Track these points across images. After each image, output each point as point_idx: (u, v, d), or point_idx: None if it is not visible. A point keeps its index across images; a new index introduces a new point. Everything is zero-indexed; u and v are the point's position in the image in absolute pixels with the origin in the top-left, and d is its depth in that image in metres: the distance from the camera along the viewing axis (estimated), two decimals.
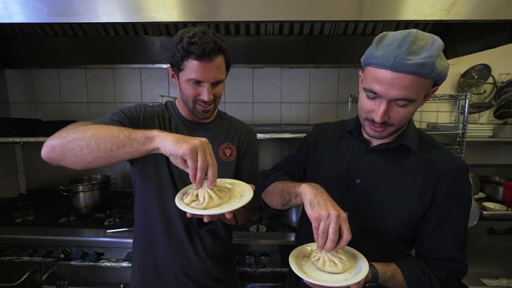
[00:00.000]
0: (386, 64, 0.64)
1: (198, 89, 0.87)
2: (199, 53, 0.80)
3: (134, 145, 0.68)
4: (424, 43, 0.63)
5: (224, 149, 1.01)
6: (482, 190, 1.91)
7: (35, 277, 1.40)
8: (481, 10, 1.03)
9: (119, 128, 0.70)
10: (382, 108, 0.68)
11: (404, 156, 0.79)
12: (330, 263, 0.68)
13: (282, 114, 2.06)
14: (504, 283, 1.56)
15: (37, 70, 2.01)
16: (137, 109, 0.95)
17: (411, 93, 0.65)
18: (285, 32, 1.82)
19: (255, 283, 1.40)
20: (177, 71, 0.88)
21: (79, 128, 0.72)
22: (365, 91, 0.71)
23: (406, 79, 0.64)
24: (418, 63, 0.61)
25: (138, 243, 1.01)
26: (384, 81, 0.65)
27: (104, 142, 0.68)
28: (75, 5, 1.03)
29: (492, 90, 1.94)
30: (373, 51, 0.67)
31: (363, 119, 0.77)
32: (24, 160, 2.06)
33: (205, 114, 0.94)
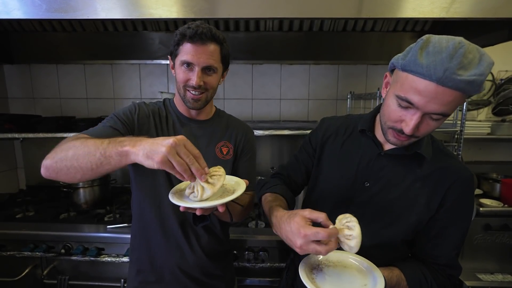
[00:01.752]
0: (433, 76, 0.57)
1: (189, 74, 0.88)
2: (191, 34, 0.83)
3: (111, 163, 0.66)
4: (473, 57, 0.57)
5: (221, 147, 1.01)
6: (479, 187, 1.92)
7: (36, 272, 1.42)
8: (481, 8, 1.03)
9: (96, 145, 0.67)
10: (415, 120, 0.63)
11: (416, 162, 0.78)
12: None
13: (281, 110, 2.06)
14: (499, 278, 1.58)
15: (35, 65, 2.00)
16: (131, 111, 0.94)
17: (450, 109, 0.61)
18: (285, 28, 1.81)
19: (254, 278, 1.42)
20: (173, 58, 0.90)
21: (64, 147, 0.72)
22: (398, 99, 0.65)
23: (450, 95, 0.59)
24: (468, 80, 0.56)
25: (135, 239, 1.02)
26: (425, 94, 0.60)
27: (84, 161, 0.68)
28: (74, 1, 1.03)
29: (491, 87, 1.95)
30: (417, 58, 0.60)
31: (387, 126, 0.71)
32: (23, 156, 2.06)
33: (195, 104, 0.91)
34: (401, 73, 0.65)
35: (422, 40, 0.61)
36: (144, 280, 1.00)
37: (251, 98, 2.05)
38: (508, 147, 2.04)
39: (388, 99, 0.69)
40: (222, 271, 1.07)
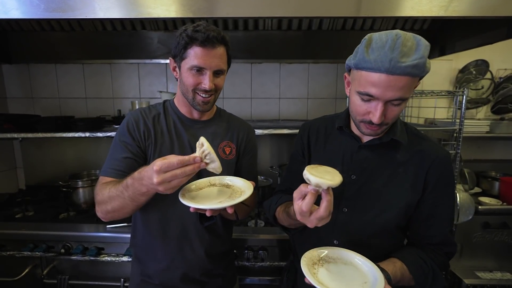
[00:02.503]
0: (381, 68, 0.65)
1: (199, 77, 0.87)
2: (203, 39, 0.82)
3: (141, 200, 0.78)
4: (411, 44, 0.65)
5: (224, 147, 1.01)
6: (478, 185, 1.92)
7: (36, 272, 1.42)
8: (479, 7, 1.03)
9: (121, 196, 0.77)
10: (380, 110, 0.70)
11: (394, 149, 0.83)
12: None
13: (280, 109, 2.06)
14: (498, 276, 1.59)
15: (34, 65, 2.00)
16: (131, 130, 0.93)
17: (405, 92, 0.68)
18: (284, 27, 1.81)
19: (254, 277, 1.42)
20: (179, 61, 0.89)
21: (102, 200, 0.83)
22: (360, 94, 0.72)
23: (401, 81, 0.66)
24: (412, 65, 0.64)
25: (136, 239, 1.02)
26: (380, 85, 0.67)
27: (124, 209, 0.82)
28: (72, 1, 1.02)
29: (490, 85, 1.95)
30: (364, 55, 0.68)
31: (358, 120, 0.78)
32: (22, 155, 2.06)
33: (205, 106, 0.93)
34: (356, 71, 0.72)
35: (366, 40, 0.69)
36: (146, 280, 1.00)
37: (250, 97, 2.05)
38: (507, 145, 2.04)
39: (352, 97, 0.77)
40: (224, 270, 1.07)
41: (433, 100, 1.87)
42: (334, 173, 0.66)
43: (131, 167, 0.87)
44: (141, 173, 0.71)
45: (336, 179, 0.62)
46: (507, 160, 2.05)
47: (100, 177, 0.91)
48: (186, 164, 0.66)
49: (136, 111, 0.98)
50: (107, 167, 0.90)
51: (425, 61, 0.65)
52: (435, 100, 1.85)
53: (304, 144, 0.97)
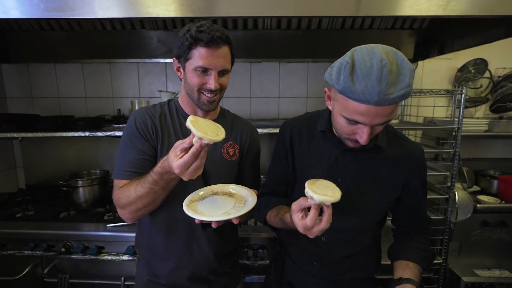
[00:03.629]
0: (370, 101, 0.65)
1: (204, 77, 0.87)
2: (207, 39, 0.82)
3: (173, 185, 0.82)
4: (397, 73, 0.64)
5: (227, 148, 1.01)
6: (476, 184, 1.93)
7: (37, 271, 1.43)
8: (478, 6, 1.03)
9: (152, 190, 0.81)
10: (367, 133, 0.72)
11: (376, 152, 0.87)
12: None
13: (280, 108, 2.06)
14: (496, 274, 1.60)
15: (33, 65, 2.00)
16: (140, 131, 0.93)
17: (391, 115, 0.71)
18: (283, 26, 1.81)
19: (254, 275, 1.43)
20: (183, 62, 0.88)
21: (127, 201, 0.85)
22: (345, 119, 0.73)
23: (389, 109, 0.68)
24: (399, 95, 0.65)
25: (142, 239, 1.02)
26: (368, 114, 0.68)
27: (158, 199, 0.85)
28: (71, 0, 1.02)
29: (489, 84, 1.96)
30: (350, 85, 0.66)
31: (343, 137, 0.81)
32: (22, 155, 2.06)
33: (210, 105, 0.93)
34: (341, 97, 0.71)
35: (348, 64, 0.67)
36: (153, 280, 1.01)
37: (249, 97, 2.05)
38: (506, 144, 2.05)
39: (336, 116, 0.77)
40: (230, 268, 1.08)
41: (432, 99, 1.87)
42: (333, 188, 0.70)
43: (146, 167, 0.88)
44: (164, 163, 0.75)
45: (337, 195, 0.67)
46: (505, 159, 2.05)
47: (115, 181, 0.92)
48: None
49: (141, 110, 0.97)
50: (121, 169, 0.91)
51: (411, 89, 0.66)
52: (434, 99, 1.85)
53: (287, 146, 0.97)
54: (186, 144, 0.69)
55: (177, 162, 0.68)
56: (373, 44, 0.69)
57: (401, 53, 0.67)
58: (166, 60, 1.96)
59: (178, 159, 0.68)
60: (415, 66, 1.98)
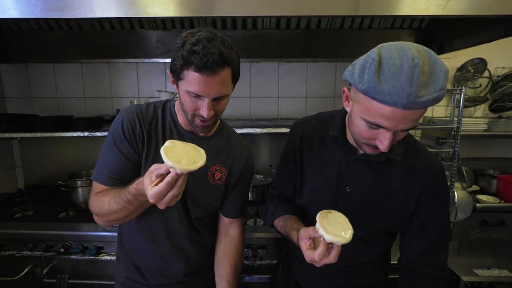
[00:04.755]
0: (397, 103, 0.57)
1: (197, 102, 0.77)
2: (200, 65, 0.69)
3: (148, 205, 0.77)
4: (430, 74, 0.57)
5: (214, 171, 0.93)
6: (476, 183, 1.94)
7: (36, 271, 1.42)
8: (477, 5, 1.03)
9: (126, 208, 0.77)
10: (388, 139, 0.64)
11: (390, 164, 0.80)
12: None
13: (279, 108, 2.06)
14: (496, 273, 1.60)
15: (32, 64, 1.99)
16: (126, 136, 0.85)
17: (418, 121, 0.64)
18: (282, 26, 1.81)
19: (253, 275, 1.43)
20: (176, 79, 0.79)
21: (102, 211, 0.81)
22: (366, 122, 0.65)
23: (417, 113, 0.60)
24: (431, 99, 0.57)
25: (122, 238, 1.01)
26: (394, 118, 0.60)
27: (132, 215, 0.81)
28: (70, 0, 1.02)
29: (488, 84, 1.96)
30: (376, 83, 0.58)
31: (360, 142, 0.73)
32: (21, 155, 2.06)
33: (204, 129, 0.85)
34: (363, 98, 0.64)
35: (375, 61, 0.59)
36: (129, 277, 1.00)
37: (249, 96, 2.05)
38: (505, 143, 2.05)
39: (355, 119, 0.69)
40: (210, 269, 1.06)
41: None
42: (345, 226, 0.66)
43: (127, 176, 0.84)
44: (138, 185, 0.69)
45: (348, 236, 0.63)
46: (505, 158, 2.06)
47: (94, 183, 0.87)
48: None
49: (132, 111, 0.88)
50: (101, 173, 0.85)
51: (444, 92, 0.58)
52: None
53: (296, 149, 0.92)
54: (162, 170, 0.62)
55: (152, 190, 0.61)
56: (402, 42, 0.61)
57: (434, 53, 0.59)
58: (165, 60, 1.96)
59: (152, 187, 0.62)
60: None
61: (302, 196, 0.93)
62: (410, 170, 0.80)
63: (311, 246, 0.67)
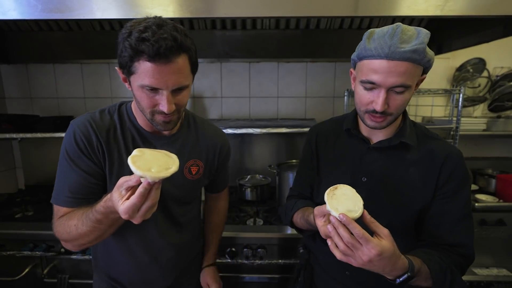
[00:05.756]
0: (381, 54, 0.67)
1: (155, 97, 0.70)
2: (152, 53, 0.63)
3: (121, 222, 0.71)
4: (411, 33, 0.68)
5: (190, 167, 0.89)
6: (475, 183, 1.94)
7: (36, 271, 1.43)
8: (475, 6, 1.04)
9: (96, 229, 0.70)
10: (382, 96, 0.70)
11: (404, 150, 0.81)
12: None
13: (279, 108, 2.07)
14: (494, 272, 1.61)
15: (32, 65, 2.00)
16: (82, 149, 0.77)
17: (407, 79, 0.68)
18: (282, 26, 1.82)
19: (253, 275, 1.43)
20: (127, 74, 0.70)
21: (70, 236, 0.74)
22: (362, 84, 0.73)
23: (402, 66, 0.67)
24: (411, 49, 0.65)
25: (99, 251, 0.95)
26: (381, 70, 0.68)
27: (104, 235, 0.73)
28: (69, 2, 1.02)
29: (487, 83, 1.96)
30: (366, 45, 0.70)
31: (362, 112, 0.78)
32: (22, 155, 2.06)
33: (167, 125, 0.77)
34: (359, 63, 0.74)
35: (368, 32, 0.72)
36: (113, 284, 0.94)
37: (248, 96, 2.05)
38: (504, 143, 2.06)
39: (356, 88, 0.78)
40: (196, 267, 1.06)
41: (430, 98, 1.88)
42: (355, 200, 0.65)
43: (93, 192, 0.78)
44: (107, 203, 0.63)
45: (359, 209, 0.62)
46: (504, 158, 2.06)
47: (55, 207, 0.78)
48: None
49: (83, 121, 0.79)
50: (62, 195, 0.76)
51: (425, 47, 0.66)
52: (432, 98, 1.86)
53: (313, 149, 0.95)
54: (132, 182, 0.56)
55: (123, 206, 0.56)
56: None
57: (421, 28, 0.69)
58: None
59: (124, 202, 0.56)
60: None
61: (320, 193, 0.92)
62: (426, 154, 0.80)
63: (325, 222, 0.67)
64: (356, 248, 0.60)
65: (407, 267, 0.64)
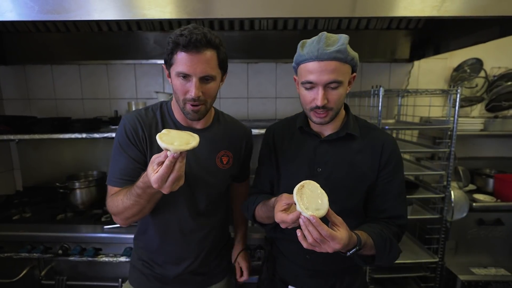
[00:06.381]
0: (312, 57, 0.80)
1: (186, 85, 0.84)
2: (186, 43, 0.78)
3: (158, 197, 0.83)
4: (334, 38, 0.82)
5: (221, 157, 1.01)
6: (472, 182, 1.94)
7: (34, 273, 1.42)
8: (471, 6, 1.04)
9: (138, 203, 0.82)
10: (321, 92, 0.82)
11: (350, 141, 0.94)
12: None
13: (277, 109, 2.07)
14: (492, 272, 1.61)
15: (30, 66, 1.99)
16: (131, 140, 0.91)
17: (337, 75, 0.81)
18: (279, 27, 1.82)
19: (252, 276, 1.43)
20: (168, 67, 0.87)
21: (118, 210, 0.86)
22: (303, 85, 0.85)
23: (331, 65, 0.79)
24: (336, 50, 0.78)
25: (139, 232, 1.07)
26: (315, 70, 0.80)
27: (145, 209, 0.85)
28: (66, 3, 1.02)
29: (484, 84, 1.97)
30: (300, 52, 0.84)
31: (308, 110, 0.89)
32: (19, 157, 2.06)
33: (195, 115, 0.88)
34: (298, 69, 0.87)
35: (301, 42, 0.86)
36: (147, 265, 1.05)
37: (246, 97, 2.05)
38: (501, 143, 2.07)
39: (300, 91, 0.89)
40: (221, 261, 1.13)
41: (428, 98, 1.88)
42: (321, 195, 0.72)
43: (138, 175, 0.86)
44: (144, 178, 0.75)
45: (324, 205, 0.70)
46: (501, 158, 2.07)
47: (108, 187, 0.93)
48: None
49: (132, 117, 0.94)
50: (113, 176, 0.91)
51: (346, 47, 0.80)
52: (430, 99, 1.86)
53: (271, 147, 1.03)
54: (161, 158, 0.68)
55: (154, 176, 0.67)
56: None
57: (343, 34, 0.83)
58: (162, 61, 1.96)
59: (154, 174, 0.68)
60: (411, 66, 1.99)
61: (280, 188, 1.01)
62: (368, 142, 0.94)
63: (286, 210, 0.75)
64: (324, 242, 0.69)
65: (356, 242, 0.75)
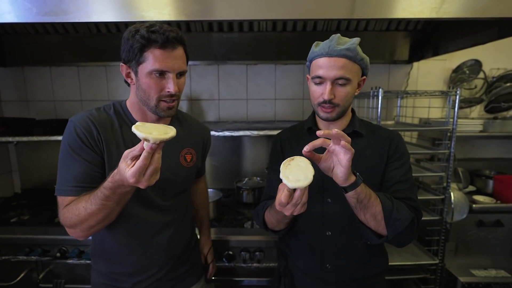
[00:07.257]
0: (323, 53, 0.85)
1: (162, 82, 0.82)
2: (162, 40, 0.77)
3: (127, 198, 0.78)
4: (346, 39, 0.87)
5: (185, 155, 0.99)
6: (472, 184, 1.94)
7: (32, 276, 1.41)
8: (470, 8, 1.04)
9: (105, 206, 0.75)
10: (328, 87, 0.85)
11: (357, 138, 0.96)
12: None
13: (276, 110, 2.07)
14: (493, 274, 1.61)
15: (29, 68, 1.99)
16: (84, 141, 0.84)
17: (346, 72, 0.84)
18: (279, 28, 1.82)
19: (252, 278, 1.42)
20: (135, 66, 0.82)
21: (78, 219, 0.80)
22: (313, 80, 0.89)
23: (340, 61, 0.83)
24: (345, 48, 0.83)
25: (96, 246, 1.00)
26: (324, 66, 0.85)
27: (111, 214, 0.79)
28: (65, 5, 1.02)
29: (483, 85, 1.97)
30: (313, 50, 0.89)
31: (316, 105, 0.91)
32: (18, 159, 2.05)
33: (170, 111, 0.87)
34: (310, 65, 0.92)
35: (315, 43, 0.91)
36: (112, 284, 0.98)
37: (245, 99, 2.05)
38: (500, 144, 2.06)
39: (309, 86, 0.93)
40: (190, 265, 1.07)
41: (427, 99, 1.88)
42: (306, 169, 0.72)
43: (96, 181, 0.82)
44: (114, 177, 0.70)
45: (308, 178, 0.70)
46: (500, 159, 2.07)
47: (59, 199, 0.85)
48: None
49: (83, 117, 0.87)
50: (65, 185, 0.83)
51: (356, 47, 0.84)
52: (429, 100, 1.86)
53: (279, 153, 1.04)
54: (136, 152, 0.65)
55: (130, 171, 0.64)
56: None
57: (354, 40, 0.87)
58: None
59: (130, 168, 0.64)
60: (410, 68, 1.99)
61: None
62: (375, 138, 0.97)
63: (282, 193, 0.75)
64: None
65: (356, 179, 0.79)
